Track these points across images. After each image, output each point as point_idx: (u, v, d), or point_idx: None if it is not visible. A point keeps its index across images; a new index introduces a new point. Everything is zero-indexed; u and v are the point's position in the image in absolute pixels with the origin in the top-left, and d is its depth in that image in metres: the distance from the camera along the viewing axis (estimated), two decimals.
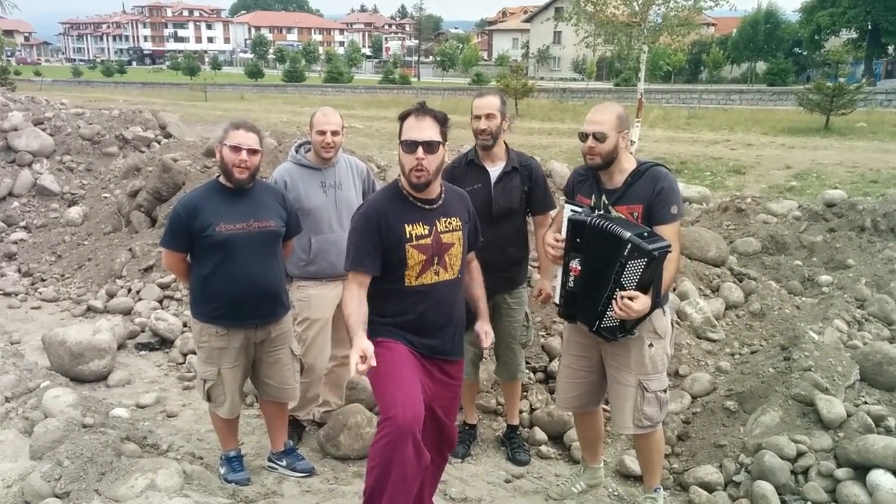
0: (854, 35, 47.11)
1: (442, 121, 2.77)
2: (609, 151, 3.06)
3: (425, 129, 2.71)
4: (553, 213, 4.06)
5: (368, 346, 2.55)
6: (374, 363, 2.51)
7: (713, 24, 58.83)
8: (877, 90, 30.75)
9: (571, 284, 3.11)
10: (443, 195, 2.90)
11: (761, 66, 51.07)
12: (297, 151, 3.97)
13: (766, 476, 3.53)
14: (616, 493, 3.84)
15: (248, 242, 3.35)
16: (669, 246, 2.90)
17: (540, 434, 4.32)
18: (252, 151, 3.31)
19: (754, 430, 3.88)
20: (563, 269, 3.16)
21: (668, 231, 3.00)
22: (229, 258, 3.33)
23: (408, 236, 2.78)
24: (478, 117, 3.69)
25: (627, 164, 3.14)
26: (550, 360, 4.76)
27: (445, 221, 2.87)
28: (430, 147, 2.70)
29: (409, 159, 2.72)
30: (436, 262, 2.83)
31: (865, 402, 3.88)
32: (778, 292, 5.63)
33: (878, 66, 46.54)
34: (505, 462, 4.12)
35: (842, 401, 3.80)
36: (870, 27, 45.46)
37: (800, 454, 3.62)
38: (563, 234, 3.18)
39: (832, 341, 4.32)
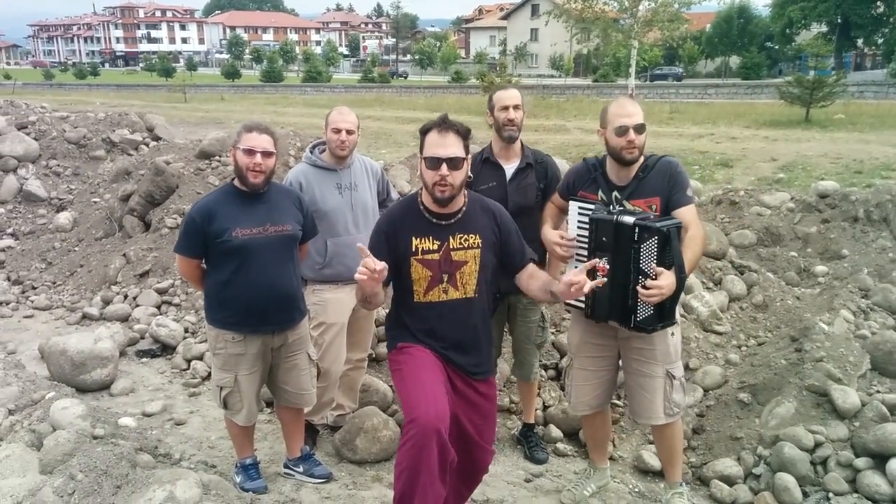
0: (824, 29, 47.83)
1: (465, 135, 2.74)
2: (644, 143, 3.08)
3: (449, 146, 2.67)
4: None
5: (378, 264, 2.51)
6: (379, 267, 2.48)
7: (687, 20, 59.40)
8: (848, 82, 31.21)
9: (600, 285, 3.08)
10: (464, 210, 2.82)
11: (735, 61, 51.62)
12: (311, 152, 3.91)
13: (787, 468, 3.55)
14: (637, 490, 3.82)
15: (265, 247, 3.30)
16: (679, 223, 2.92)
17: (555, 431, 4.30)
18: (266, 154, 3.25)
19: (770, 421, 3.89)
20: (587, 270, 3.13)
21: (687, 213, 3.03)
22: (246, 263, 3.28)
23: (413, 249, 2.75)
24: (505, 108, 3.67)
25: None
26: (561, 357, 4.74)
27: (461, 238, 2.79)
28: (453, 163, 2.66)
29: (431, 175, 2.68)
30: (445, 279, 2.78)
31: (878, 391, 3.90)
32: (778, 284, 5.67)
33: (848, 58, 47.25)
34: (523, 461, 4.09)
35: (855, 390, 3.83)
36: (839, 21, 46.18)
37: (817, 444, 3.64)
38: (572, 233, 3.17)
39: (842, 332, 4.35)
